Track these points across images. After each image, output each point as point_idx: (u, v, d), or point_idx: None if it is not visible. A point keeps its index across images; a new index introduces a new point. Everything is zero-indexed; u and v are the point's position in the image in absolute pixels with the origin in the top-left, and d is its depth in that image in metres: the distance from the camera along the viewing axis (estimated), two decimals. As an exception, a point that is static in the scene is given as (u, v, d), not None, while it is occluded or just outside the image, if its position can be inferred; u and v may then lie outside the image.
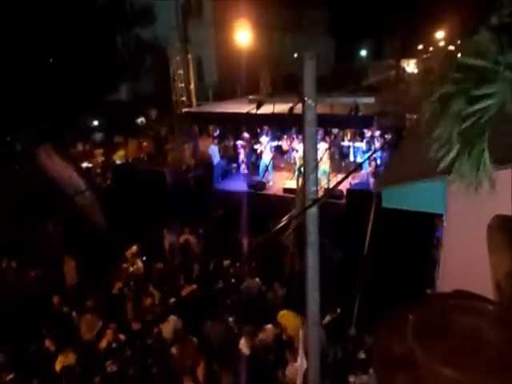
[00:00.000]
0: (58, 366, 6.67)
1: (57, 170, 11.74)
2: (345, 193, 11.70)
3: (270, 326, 6.90)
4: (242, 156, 14.90)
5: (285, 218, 4.94)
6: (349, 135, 14.50)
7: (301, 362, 5.17)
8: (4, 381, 6.42)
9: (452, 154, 1.08)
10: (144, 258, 9.73)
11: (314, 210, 4.06)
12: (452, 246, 3.72)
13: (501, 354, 0.67)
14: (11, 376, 6.50)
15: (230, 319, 7.23)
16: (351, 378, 5.83)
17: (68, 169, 11.94)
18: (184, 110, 15.89)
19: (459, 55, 1.10)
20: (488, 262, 1.08)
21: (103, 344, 6.99)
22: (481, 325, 0.70)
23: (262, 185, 13.36)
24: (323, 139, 13.85)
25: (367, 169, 12.88)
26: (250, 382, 6.10)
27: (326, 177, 12.76)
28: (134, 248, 9.99)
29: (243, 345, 6.51)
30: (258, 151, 14.49)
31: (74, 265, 9.55)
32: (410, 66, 34.42)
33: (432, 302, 0.78)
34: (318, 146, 12.67)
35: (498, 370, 0.65)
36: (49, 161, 11.82)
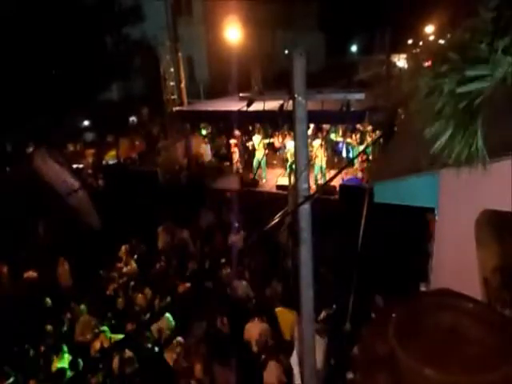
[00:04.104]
0: (53, 368, 6.66)
1: (51, 173, 11.72)
2: (337, 188, 11.73)
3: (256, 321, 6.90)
4: (234, 154, 14.88)
5: (278, 215, 4.93)
6: (340, 131, 14.53)
7: (295, 360, 5.17)
8: None
9: (447, 133, 1.07)
10: (135, 257, 9.70)
11: (306, 207, 4.06)
12: (444, 240, 3.73)
13: (481, 352, 0.67)
14: (10, 381, 6.48)
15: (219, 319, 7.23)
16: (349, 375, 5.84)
17: (62, 172, 11.93)
18: (175, 108, 15.83)
19: (455, 37, 1.10)
20: (479, 256, 1.07)
21: (97, 346, 6.97)
22: (461, 323, 0.70)
23: (255, 182, 13.36)
24: (316, 135, 13.88)
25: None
26: (246, 379, 6.11)
27: (323, 173, 12.81)
28: (128, 248, 9.98)
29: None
30: (250, 148, 14.49)
31: (67, 266, 9.51)
32: (401, 61, 34.49)
33: (415, 302, 0.77)
34: (313, 142, 12.78)
35: (478, 369, 0.65)
36: (43, 164, 11.79)
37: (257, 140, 14.16)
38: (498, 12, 1.03)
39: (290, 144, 13.23)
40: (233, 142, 14.81)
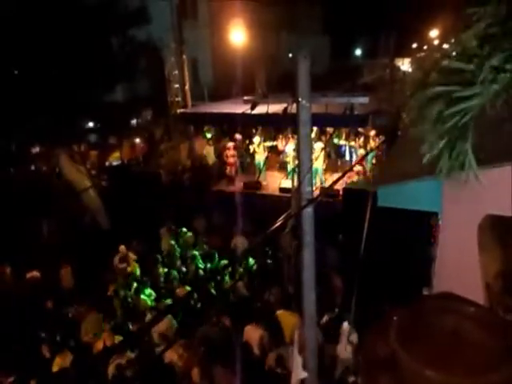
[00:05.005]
0: (55, 368, 6.67)
1: (71, 171, 11.96)
2: (341, 192, 11.70)
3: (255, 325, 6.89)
4: (231, 157, 14.90)
5: (281, 218, 4.93)
6: (344, 135, 14.54)
7: (295, 363, 5.16)
8: None
9: (434, 153, 1.08)
10: (135, 258, 9.72)
11: (309, 210, 4.06)
12: (447, 244, 3.72)
13: (482, 354, 0.68)
14: (11, 379, 6.49)
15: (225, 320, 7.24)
16: (350, 378, 5.83)
17: (79, 171, 12.18)
18: (179, 110, 15.86)
19: (443, 58, 1.11)
20: (482, 261, 1.07)
21: (99, 345, 6.97)
22: (464, 327, 0.71)
23: (259, 185, 13.36)
24: (319, 138, 13.90)
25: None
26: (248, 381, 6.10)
27: (320, 175, 12.83)
28: (131, 248, 10.01)
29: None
30: (251, 151, 14.54)
31: (70, 267, 9.54)
32: (405, 65, 34.46)
33: (417, 305, 0.78)
34: (314, 145, 12.79)
35: (480, 370, 0.66)
36: (65, 163, 12.06)
37: (258, 142, 14.18)
38: (487, 32, 1.04)
39: (291, 147, 13.26)
40: (230, 144, 14.78)
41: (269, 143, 14.46)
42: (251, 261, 9.55)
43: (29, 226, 10.53)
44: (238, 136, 14.88)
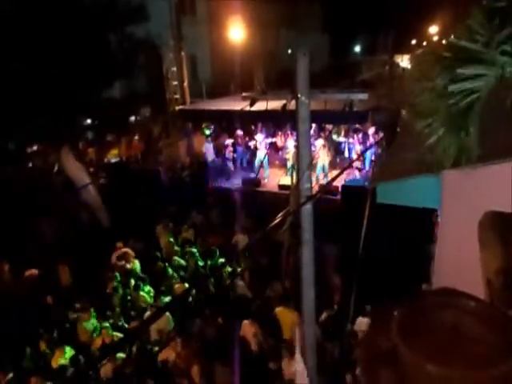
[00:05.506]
0: (54, 364, 6.68)
1: (72, 169, 11.99)
2: (340, 189, 11.72)
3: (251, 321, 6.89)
4: (236, 153, 14.91)
5: (279, 215, 4.93)
6: (343, 131, 14.55)
7: (298, 361, 5.17)
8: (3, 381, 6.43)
9: (439, 132, 1.08)
10: (134, 255, 9.72)
11: (308, 207, 4.05)
12: (446, 241, 3.72)
13: (483, 349, 0.69)
14: (10, 376, 6.50)
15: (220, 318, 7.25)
16: (348, 376, 5.83)
17: (80, 168, 12.20)
18: (178, 107, 15.84)
19: (452, 37, 1.10)
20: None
21: (98, 342, 6.98)
22: (464, 322, 0.72)
23: (258, 182, 13.37)
24: (319, 135, 13.90)
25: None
26: (247, 379, 6.11)
27: (325, 172, 12.84)
28: (129, 246, 10.01)
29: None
30: (252, 148, 14.53)
31: (68, 265, 9.53)
32: (404, 62, 34.41)
33: (417, 299, 0.79)
34: (316, 142, 12.79)
35: (480, 364, 0.67)
36: (67, 161, 12.09)
37: (259, 139, 14.17)
38: (492, 7, 1.03)
39: (291, 144, 13.26)
40: (230, 141, 14.80)
41: (268, 140, 14.47)
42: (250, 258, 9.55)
43: (28, 223, 10.51)
44: (239, 132, 14.87)
